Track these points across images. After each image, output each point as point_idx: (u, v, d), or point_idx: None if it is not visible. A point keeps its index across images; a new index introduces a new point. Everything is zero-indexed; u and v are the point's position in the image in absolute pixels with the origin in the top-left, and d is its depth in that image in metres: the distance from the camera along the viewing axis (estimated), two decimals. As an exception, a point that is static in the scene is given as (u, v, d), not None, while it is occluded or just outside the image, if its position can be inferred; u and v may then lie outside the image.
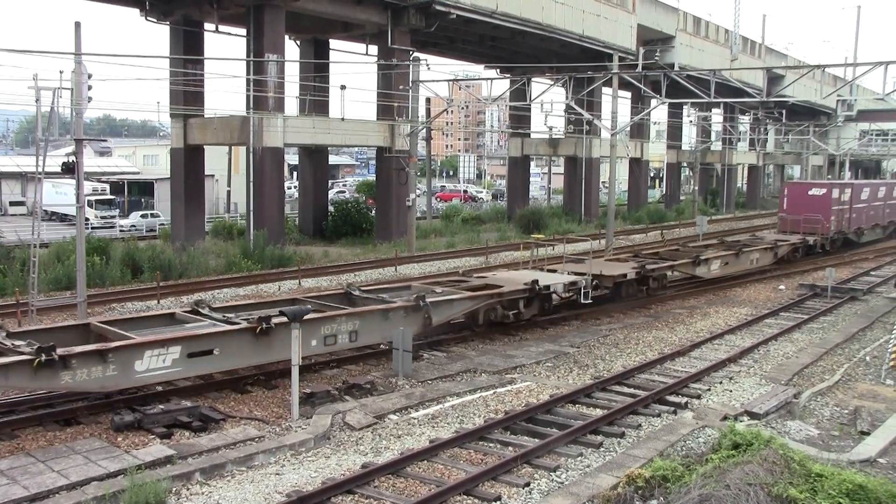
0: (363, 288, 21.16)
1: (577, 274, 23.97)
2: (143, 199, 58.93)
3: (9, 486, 11.08)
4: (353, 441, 13.66)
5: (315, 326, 16.56)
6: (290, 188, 65.64)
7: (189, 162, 40.51)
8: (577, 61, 50.23)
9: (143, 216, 53.07)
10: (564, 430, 13.78)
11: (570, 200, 60.74)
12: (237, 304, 19.61)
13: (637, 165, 66.56)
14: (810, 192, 39.92)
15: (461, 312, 20.43)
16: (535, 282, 21.95)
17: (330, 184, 61.75)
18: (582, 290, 23.02)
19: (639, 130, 63.85)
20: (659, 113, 75.75)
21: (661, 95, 36.54)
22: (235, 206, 57.26)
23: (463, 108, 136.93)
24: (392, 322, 18.06)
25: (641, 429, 14.45)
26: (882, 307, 27.14)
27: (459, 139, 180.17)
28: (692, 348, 20.82)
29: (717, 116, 79.49)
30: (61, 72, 20.41)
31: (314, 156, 46.20)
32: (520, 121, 61.79)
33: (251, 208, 36.78)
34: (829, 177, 79.40)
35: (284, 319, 15.05)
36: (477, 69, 74.34)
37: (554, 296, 23.14)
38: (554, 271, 24.78)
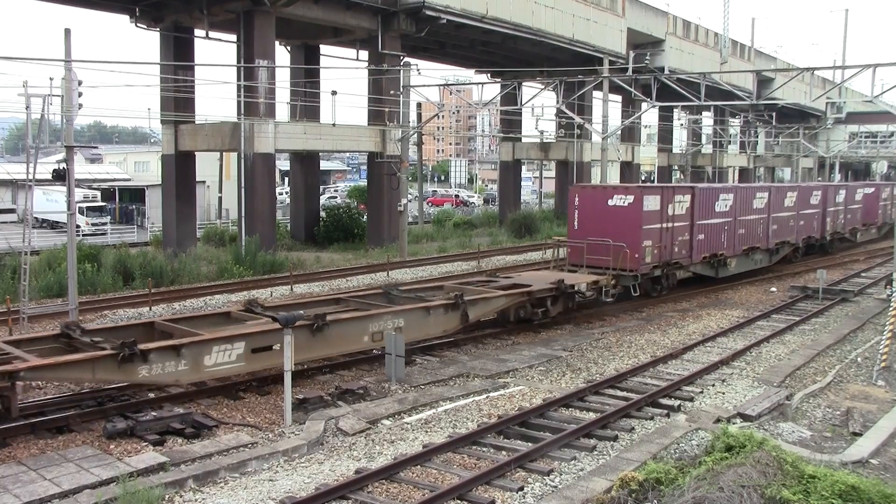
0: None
1: None
2: (134, 206, 58.80)
3: (0, 494, 11.02)
4: (347, 446, 13.64)
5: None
6: (281, 194, 65.54)
7: (180, 168, 40.44)
8: (568, 65, 50.36)
9: None
10: (558, 434, 13.79)
11: (561, 204, 60.79)
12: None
13: (628, 169, 66.74)
14: (611, 203, 26.29)
15: None
16: None
17: (321, 189, 61.73)
18: None
19: (630, 134, 64.02)
20: (649, 116, 76.14)
21: (651, 99, 36.72)
22: (227, 212, 57.14)
23: (454, 113, 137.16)
24: None
25: (635, 432, 14.46)
26: (873, 308, 27.26)
27: (451, 144, 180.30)
28: (684, 351, 20.86)
29: (707, 119, 79.77)
30: (51, 79, 20.36)
31: (305, 161, 46.17)
32: (511, 125, 61.91)
33: (242, 214, 36.73)
34: (819, 179, 79.61)
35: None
36: (468, 74, 74.45)
37: None
38: None
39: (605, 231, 25.88)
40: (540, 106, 45.62)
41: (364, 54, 44.29)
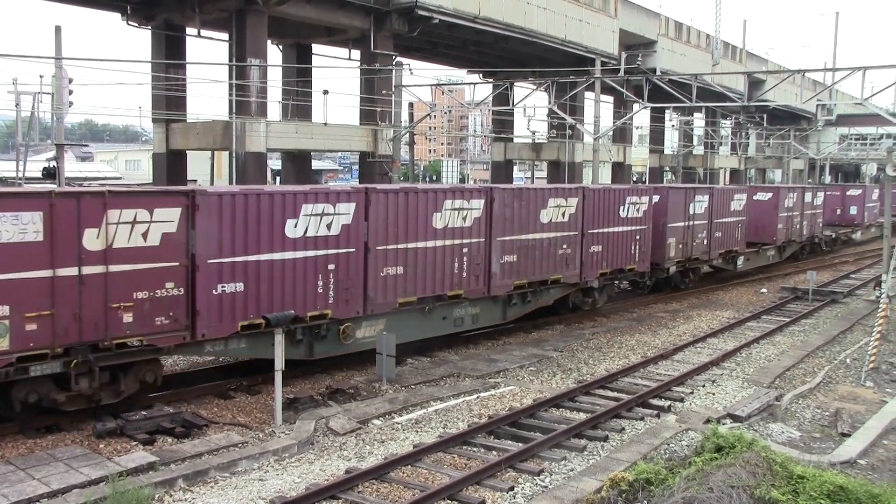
0: None
1: None
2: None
3: (-11, 494, 10.98)
4: (337, 446, 13.63)
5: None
6: (273, 193, 65.10)
7: (171, 167, 40.23)
8: (560, 66, 50.36)
9: None
10: (548, 435, 13.81)
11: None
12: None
13: (620, 170, 66.76)
14: None
15: None
16: None
17: (313, 188, 61.44)
18: None
19: (621, 135, 64.06)
20: (641, 117, 76.34)
21: (643, 100, 36.75)
22: (218, 212, 56.95)
23: (446, 113, 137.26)
24: None
25: (625, 432, 14.50)
26: (862, 310, 27.39)
27: (443, 144, 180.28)
28: (675, 352, 20.92)
29: (698, 121, 79.95)
30: (41, 76, 20.33)
31: (297, 161, 46.03)
32: (503, 125, 61.86)
33: (234, 213, 36.50)
34: (810, 181, 79.85)
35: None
36: (460, 74, 74.39)
37: None
38: None
39: None
40: (532, 106, 45.53)
41: (356, 54, 44.18)
